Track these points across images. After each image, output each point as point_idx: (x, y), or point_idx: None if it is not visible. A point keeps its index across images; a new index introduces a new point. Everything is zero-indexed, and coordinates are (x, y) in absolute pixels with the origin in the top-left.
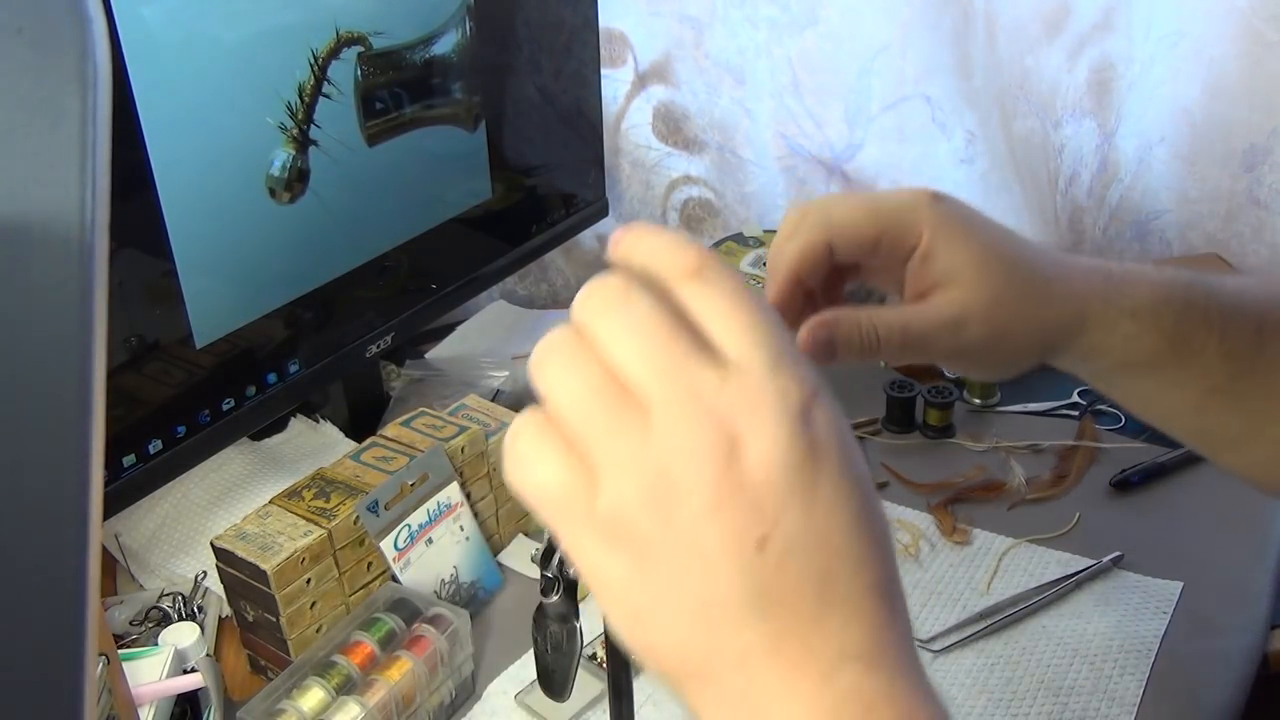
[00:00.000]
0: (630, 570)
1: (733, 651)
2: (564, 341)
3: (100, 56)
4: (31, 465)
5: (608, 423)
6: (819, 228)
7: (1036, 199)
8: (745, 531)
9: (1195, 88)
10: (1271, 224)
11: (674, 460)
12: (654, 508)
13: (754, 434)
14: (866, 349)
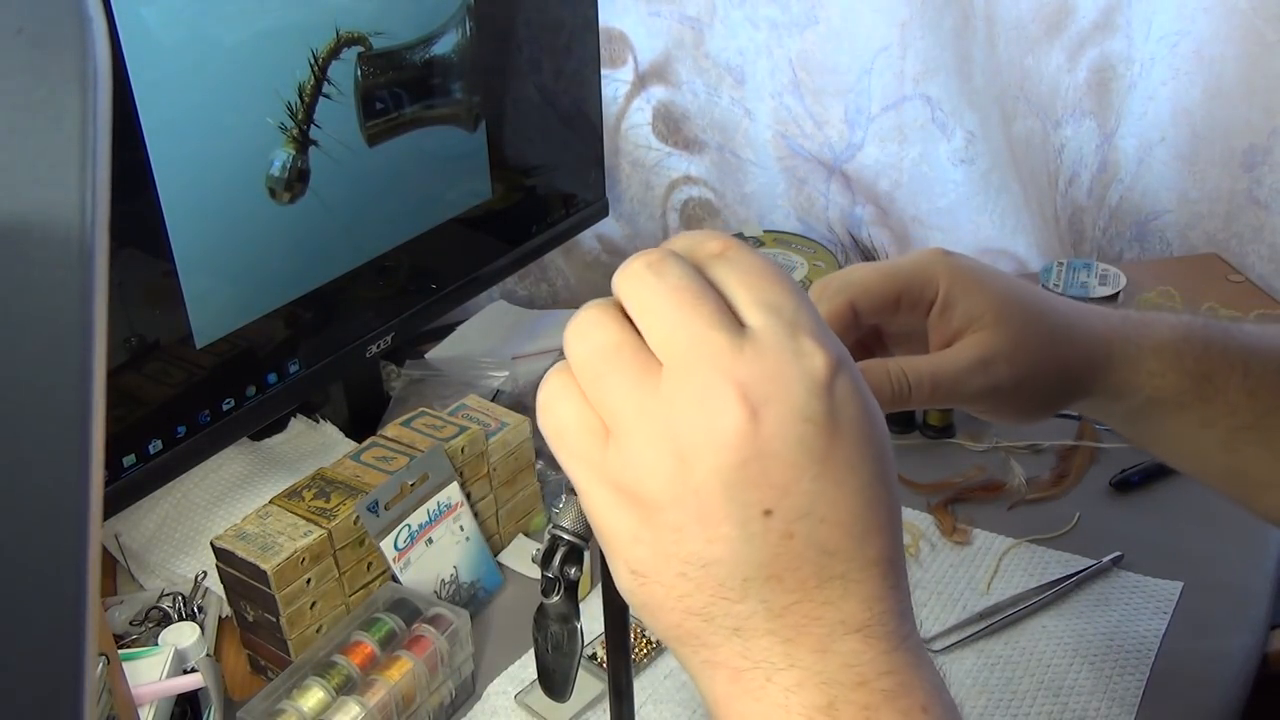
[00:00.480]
0: (636, 526)
1: (731, 617)
2: (597, 304)
3: (100, 56)
4: (31, 465)
5: (624, 379)
6: (841, 293)
7: (1036, 199)
8: (753, 500)
9: (1195, 88)
10: (1271, 224)
11: (685, 422)
12: (663, 468)
13: (771, 402)
14: (898, 396)
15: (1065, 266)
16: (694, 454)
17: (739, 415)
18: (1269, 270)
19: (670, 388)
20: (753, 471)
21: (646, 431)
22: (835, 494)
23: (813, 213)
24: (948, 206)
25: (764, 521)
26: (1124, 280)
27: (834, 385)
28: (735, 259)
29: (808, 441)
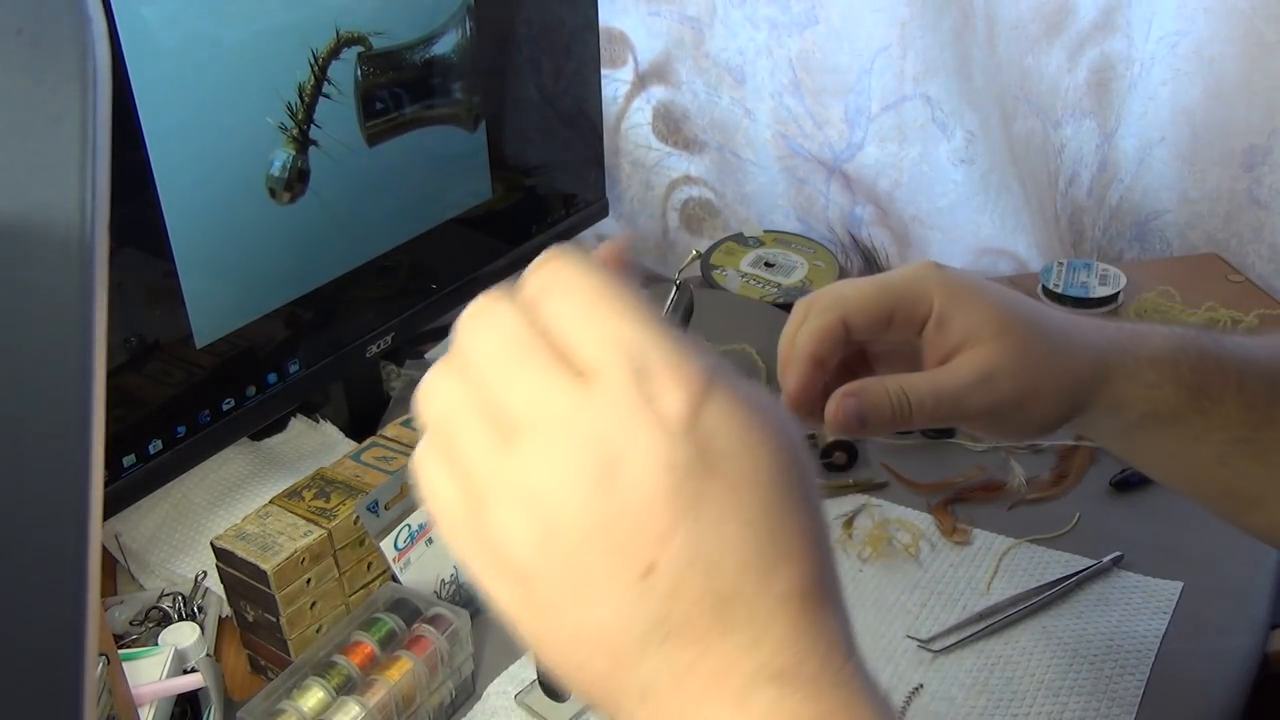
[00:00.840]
0: (519, 599)
1: (636, 681)
2: (441, 366)
3: (100, 56)
4: (31, 465)
5: (481, 447)
6: (832, 308)
7: (1036, 199)
8: (629, 560)
9: (1195, 88)
10: (1271, 224)
11: (539, 488)
12: (531, 537)
13: (626, 456)
14: (898, 416)
15: (1065, 266)
16: (554, 521)
17: (592, 475)
18: (1269, 270)
19: (521, 451)
20: (620, 531)
21: (507, 499)
22: (721, 535)
23: (813, 213)
24: (948, 206)
25: (646, 580)
26: (1124, 280)
27: (697, 421)
28: (566, 291)
29: (676, 488)
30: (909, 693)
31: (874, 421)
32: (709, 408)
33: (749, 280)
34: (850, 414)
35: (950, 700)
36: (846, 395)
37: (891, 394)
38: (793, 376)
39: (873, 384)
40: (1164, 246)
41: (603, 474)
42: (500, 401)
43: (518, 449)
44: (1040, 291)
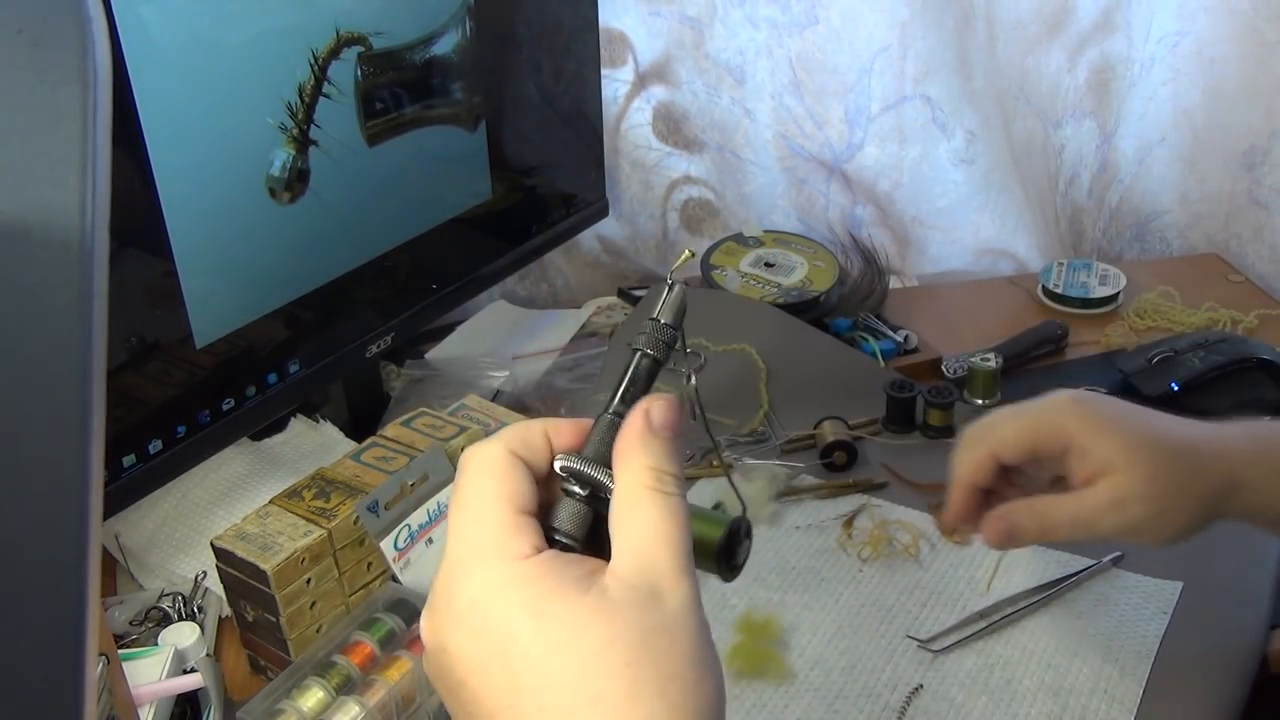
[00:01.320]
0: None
1: None
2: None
3: (100, 56)
4: (31, 465)
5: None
6: (983, 444)
7: (1036, 199)
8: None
9: (1196, 89)
10: (1271, 224)
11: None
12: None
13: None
14: (1043, 533)
15: (1065, 266)
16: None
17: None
18: (1269, 270)
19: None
20: (439, 689)
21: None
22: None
23: (813, 213)
24: (948, 206)
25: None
26: (1124, 280)
27: (456, 628)
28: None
29: (444, 693)
30: (909, 693)
31: (1021, 539)
32: (433, 654)
33: (749, 280)
34: (1001, 533)
35: (950, 700)
36: (998, 518)
37: (1035, 516)
38: (954, 500)
39: (1020, 508)
40: (1164, 247)
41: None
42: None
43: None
44: (1040, 291)
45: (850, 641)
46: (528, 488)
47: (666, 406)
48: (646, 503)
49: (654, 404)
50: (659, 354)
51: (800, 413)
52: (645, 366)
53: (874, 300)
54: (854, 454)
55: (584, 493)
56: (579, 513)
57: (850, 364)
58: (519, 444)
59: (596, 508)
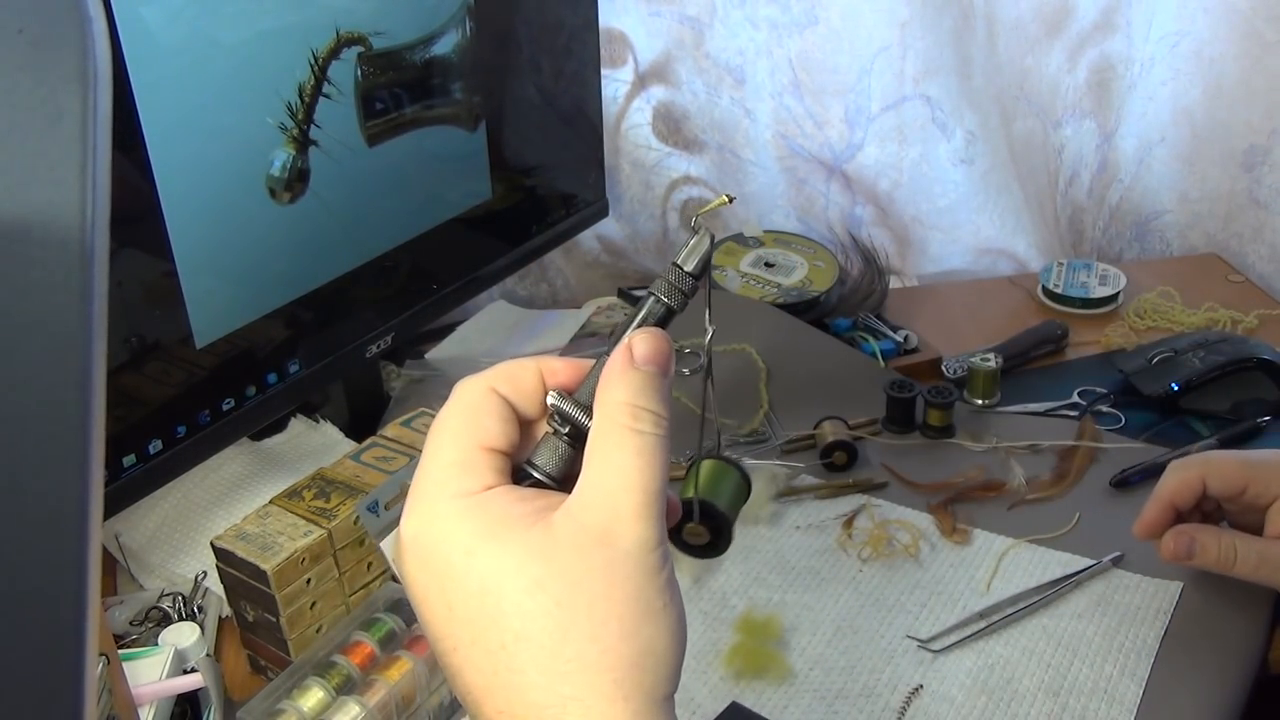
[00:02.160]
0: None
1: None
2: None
3: (100, 56)
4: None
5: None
6: (1197, 466)
7: (1036, 199)
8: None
9: (1195, 88)
10: (1271, 224)
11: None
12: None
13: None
14: (1222, 561)
15: (1065, 266)
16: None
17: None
18: (1269, 270)
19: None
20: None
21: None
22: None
23: (813, 213)
24: (948, 206)
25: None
26: (1124, 280)
27: (403, 556)
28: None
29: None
30: (909, 693)
31: (1199, 559)
32: (406, 552)
33: (749, 280)
34: (1182, 547)
35: (950, 700)
36: (1181, 533)
37: (1223, 543)
38: (1150, 511)
39: (1208, 530)
40: (1164, 246)
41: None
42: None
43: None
44: (1040, 291)
45: (850, 641)
46: (497, 425)
47: (651, 340)
48: (616, 440)
49: (639, 337)
50: (674, 302)
51: (800, 413)
52: (656, 313)
53: (874, 300)
54: (854, 454)
55: (565, 430)
56: (557, 450)
57: (850, 364)
58: (504, 381)
59: (579, 449)
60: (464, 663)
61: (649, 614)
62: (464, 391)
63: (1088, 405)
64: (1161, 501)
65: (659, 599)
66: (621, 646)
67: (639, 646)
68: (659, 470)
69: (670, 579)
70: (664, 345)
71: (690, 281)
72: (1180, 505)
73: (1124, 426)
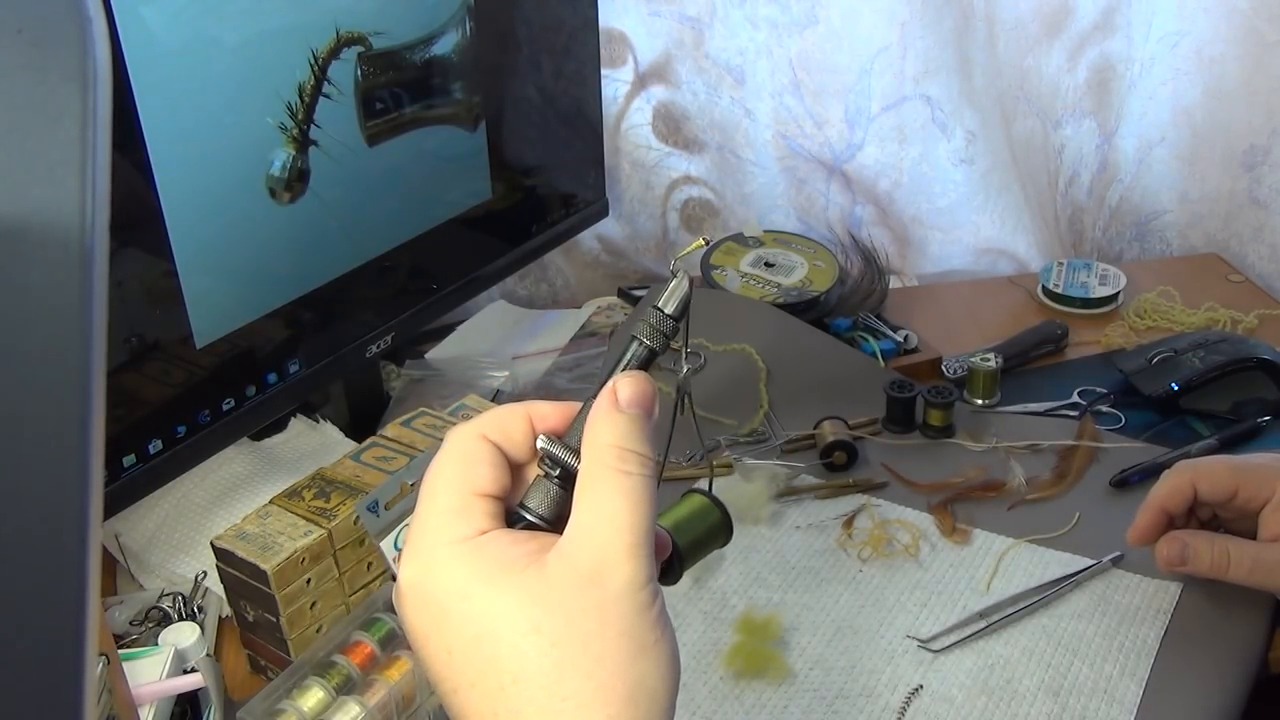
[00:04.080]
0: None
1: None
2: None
3: (100, 56)
4: (31, 465)
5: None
6: (1185, 473)
7: (1036, 199)
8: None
9: (1195, 88)
10: (1271, 224)
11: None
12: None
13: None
14: (1215, 566)
15: (1065, 266)
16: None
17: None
18: (1269, 270)
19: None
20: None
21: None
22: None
23: (813, 213)
24: (948, 206)
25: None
26: (1124, 280)
27: (402, 601)
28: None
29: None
30: (909, 693)
31: (1192, 565)
32: (406, 596)
33: (749, 280)
34: (1175, 553)
35: (950, 700)
36: (1174, 539)
37: (1215, 547)
38: (1142, 517)
39: (1201, 536)
40: (1164, 246)
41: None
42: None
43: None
44: (1040, 291)
45: (850, 641)
46: (489, 471)
47: (635, 383)
48: (604, 482)
49: (622, 380)
50: (656, 344)
51: (800, 413)
52: (640, 355)
53: (874, 300)
54: (854, 454)
55: (555, 474)
56: (548, 492)
57: (850, 364)
58: (494, 428)
59: (569, 489)
60: (465, 704)
61: (641, 650)
62: (456, 440)
63: (1088, 405)
64: (1153, 507)
65: (650, 634)
66: (615, 682)
67: (632, 681)
68: (647, 510)
69: (661, 614)
70: (648, 388)
71: (671, 324)
72: (1172, 510)
73: (1124, 426)
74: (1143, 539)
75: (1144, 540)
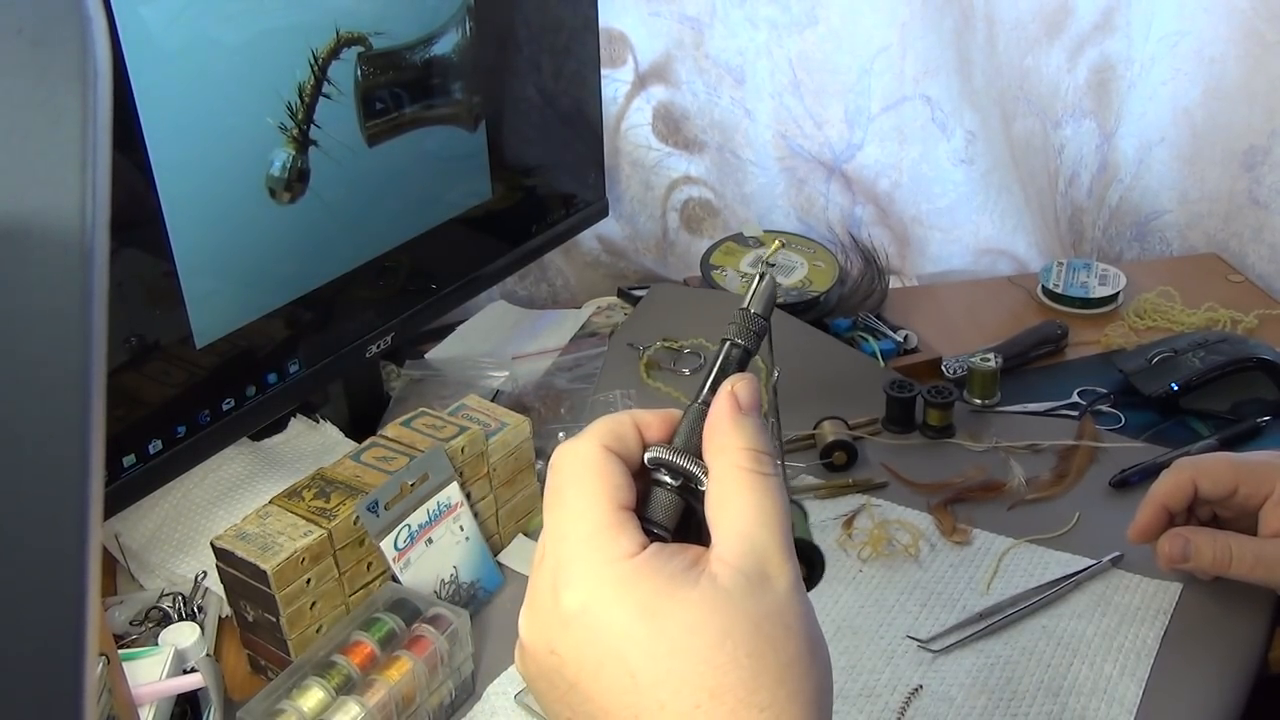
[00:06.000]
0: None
1: None
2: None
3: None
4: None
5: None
6: (1186, 470)
7: (1036, 199)
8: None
9: (1195, 88)
10: (1271, 224)
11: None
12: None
13: (526, 641)
14: (1217, 562)
15: (1065, 266)
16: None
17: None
18: (1269, 270)
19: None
20: (539, 689)
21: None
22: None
23: (813, 213)
24: (948, 206)
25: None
26: (1124, 280)
27: (565, 634)
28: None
29: (555, 671)
30: (909, 693)
31: (1194, 561)
32: (521, 649)
33: (749, 280)
34: (1177, 550)
35: (950, 700)
36: (1176, 535)
37: (1218, 544)
38: (1143, 514)
39: (1202, 532)
40: (1164, 246)
41: (521, 656)
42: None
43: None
44: (1040, 291)
45: (850, 641)
46: (625, 482)
47: (750, 386)
48: (746, 485)
49: (738, 384)
50: (749, 344)
51: (800, 413)
52: (735, 356)
53: (874, 300)
54: (854, 454)
55: (675, 483)
56: (671, 503)
57: (850, 364)
58: (612, 439)
59: (687, 499)
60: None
61: (817, 648)
62: (581, 455)
63: (1088, 405)
64: (1154, 504)
65: (818, 631)
66: (805, 685)
67: (815, 683)
68: (786, 509)
69: (814, 612)
70: (759, 389)
71: (760, 322)
72: (1172, 507)
73: (1124, 426)
74: (1143, 536)
75: (1144, 537)
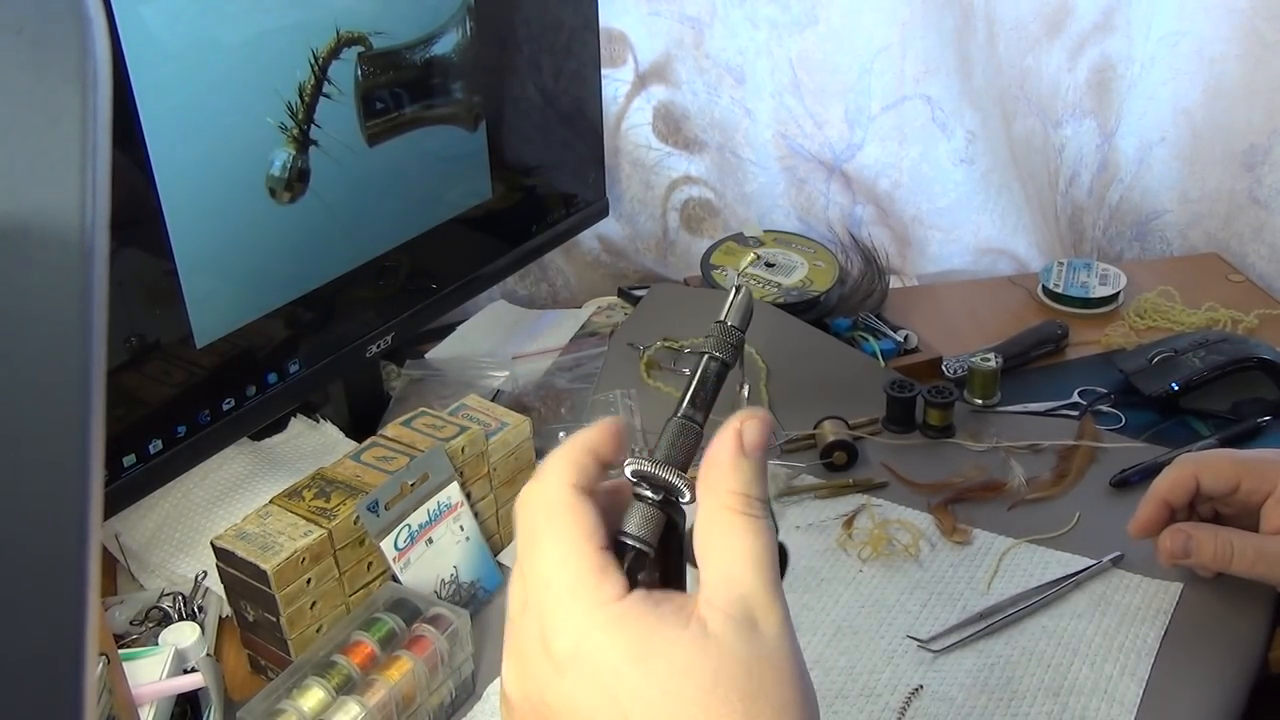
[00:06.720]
0: None
1: None
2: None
3: (100, 56)
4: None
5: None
6: (1188, 465)
7: (1036, 199)
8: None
9: (1195, 88)
10: (1271, 224)
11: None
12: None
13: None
14: (1219, 558)
15: (1065, 266)
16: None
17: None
18: (1269, 270)
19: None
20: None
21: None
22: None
23: (813, 213)
24: (948, 206)
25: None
26: (1124, 280)
27: (560, 678)
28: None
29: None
30: (909, 693)
31: (1196, 557)
32: (506, 703)
33: (749, 280)
34: (1178, 545)
35: (950, 700)
36: (1177, 530)
37: (1219, 539)
38: (1144, 510)
39: (1204, 528)
40: (1164, 246)
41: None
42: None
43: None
44: (1040, 291)
45: (850, 641)
46: (599, 520)
47: (759, 427)
48: (736, 528)
49: (748, 424)
50: (727, 357)
51: (800, 413)
52: (714, 369)
53: (874, 300)
54: (854, 454)
55: (657, 497)
56: (652, 518)
57: (850, 364)
58: (577, 474)
59: (668, 511)
60: None
61: (806, 692)
62: (548, 499)
63: (1088, 405)
64: (1156, 499)
65: (808, 677)
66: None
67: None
68: (775, 552)
69: (802, 655)
70: (768, 432)
71: (737, 335)
72: (1174, 503)
73: (1124, 426)
74: (1144, 531)
75: (1145, 532)
